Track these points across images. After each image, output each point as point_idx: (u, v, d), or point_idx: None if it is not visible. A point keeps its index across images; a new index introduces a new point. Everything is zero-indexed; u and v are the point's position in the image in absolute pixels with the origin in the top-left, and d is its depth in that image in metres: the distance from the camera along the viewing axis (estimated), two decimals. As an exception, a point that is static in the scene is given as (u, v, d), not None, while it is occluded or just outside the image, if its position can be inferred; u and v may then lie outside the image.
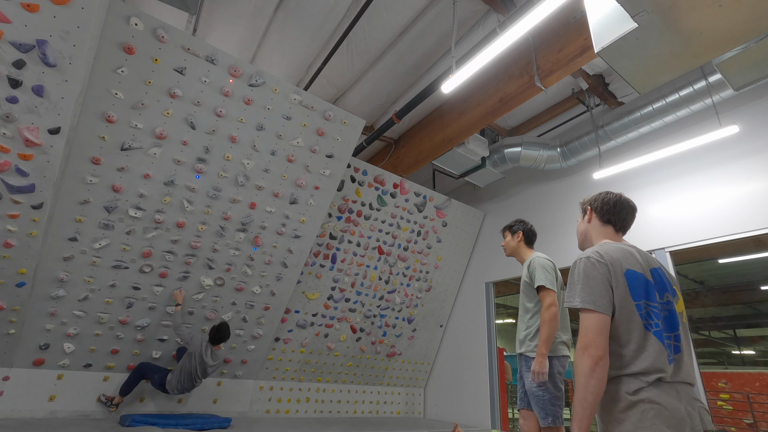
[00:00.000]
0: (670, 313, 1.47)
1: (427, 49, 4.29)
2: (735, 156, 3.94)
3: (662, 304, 1.47)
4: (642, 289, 1.46)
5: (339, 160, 4.37)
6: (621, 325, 1.43)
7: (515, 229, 3.01)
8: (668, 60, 2.39)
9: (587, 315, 1.43)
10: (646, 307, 1.44)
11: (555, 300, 2.57)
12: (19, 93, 2.73)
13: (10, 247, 3.18)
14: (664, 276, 1.53)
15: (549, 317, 2.54)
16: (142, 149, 3.48)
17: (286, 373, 5.23)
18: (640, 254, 1.55)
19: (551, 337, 2.53)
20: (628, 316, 1.43)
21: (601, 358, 1.38)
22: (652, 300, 1.45)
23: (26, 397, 3.68)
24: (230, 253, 4.24)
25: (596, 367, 1.38)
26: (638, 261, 1.51)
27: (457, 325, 6.34)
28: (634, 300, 1.44)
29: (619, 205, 1.72)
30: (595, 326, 1.41)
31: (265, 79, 3.68)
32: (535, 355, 2.55)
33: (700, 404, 1.41)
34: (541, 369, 2.49)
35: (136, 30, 3.10)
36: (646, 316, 1.43)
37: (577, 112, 5.14)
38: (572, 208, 5.22)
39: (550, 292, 2.59)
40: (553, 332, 2.53)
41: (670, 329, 1.45)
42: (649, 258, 1.57)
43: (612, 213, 1.71)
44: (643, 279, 1.47)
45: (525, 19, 2.59)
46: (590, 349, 1.39)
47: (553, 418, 2.50)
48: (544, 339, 2.52)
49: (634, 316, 1.42)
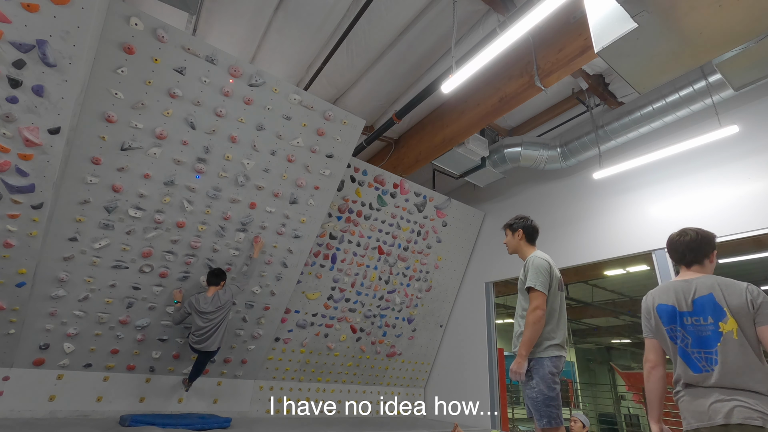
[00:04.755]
0: (709, 333, 1.82)
1: (427, 49, 4.29)
2: (735, 156, 3.94)
3: (696, 326, 1.85)
4: (669, 318, 1.94)
5: (339, 160, 4.37)
6: (662, 344, 2.01)
7: (516, 226, 2.99)
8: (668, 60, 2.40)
9: (646, 340, 2.08)
10: (673, 330, 1.92)
11: (542, 303, 2.56)
12: (19, 93, 2.73)
13: (10, 247, 3.18)
14: (708, 304, 1.86)
15: (533, 320, 2.54)
16: (142, 149, 3.48)
17: (286, 373, 5.23)
18: (683, 289, 1.95)
19: (533, 340, 2.53)
20: (663, 338, 1.98)
21: (652, 368, 2.02)
22: (680, 325, 1.90)
23: (26, 397, 3.68)
24: (230, 253, 4.24)
25: (649, 375, 2.02)
26: (672, 296, 1.96)
27: (457, 325, 6.34)
28: (664, 325, 1.96)
29: (683, 245, 2.06)
30: (647, 346, 2.06)
31: (265, 79, 3.68)
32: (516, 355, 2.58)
33: (737, 403, 1.69)
34: (518, 369, 2.52)
35: (136, 30, 3.09)
36: (674, 338, 1.92)
37: (577, 112, 5.14)
38: (572, 208, 5.23)
39: (539, 294, 2.58)
40: (535, 335, 2.53)
41: (701, 346, 1.83)
42: (698, 290, 1.91)
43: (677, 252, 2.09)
44: (670, 309, 1.95)
45: (525, 19, 2.58)
46: (646, 363, 2.05)
47: (548, 419, 2.48)
48: (525, 341, 2.53)
49: (666, 338, 1.96)
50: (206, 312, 3.90)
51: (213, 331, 3.96)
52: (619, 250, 4.60)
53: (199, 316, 3.91)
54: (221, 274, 4.08)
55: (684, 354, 1.86)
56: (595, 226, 4.92)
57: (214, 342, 3.96)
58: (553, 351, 2.57)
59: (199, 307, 3.90)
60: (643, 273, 7.28)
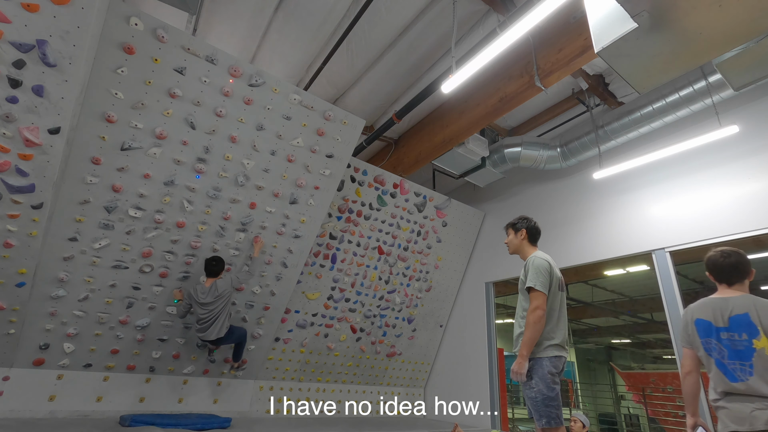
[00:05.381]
0: (743, 348, 2.04)
1: (427, 49, 4.29)
2: (735, 156, 3.94)
3: (732, 341, 2.07)
4: (705, 331, 2.19)
5: (339, 160, 4.37)
6: (698, 353, 2.25)
7: (518, 226, 2.98)
8: (668, 60, 2.39)
9: (683, 349, 2.36)
10: (708, 343, 2.17)
11: (542, 303, 2.56)
12: (19, 93, 2.73)
13: (10, 247, 3.18)
14: (744, 322, 2.08)
15: (533, 320, 2.54)
16: (142, 149, 3.48)
17: (286, 373, 5.23)
18: (720, 307, 2.17)
19: (534, 340, 2.53)
20: (699, 349, 2.23)
21: (687, 373, 2.33)
22: (716, 338, 2.13)
23: (26, 397, 3.68)
24: (230, 253, 4.24)
25: (685, 379, 2.34)
26: (709, 311, 2.20)
27: (457, 325, 6.34)
28: (700, 338, 2.22)
29: (729, 266, 2.26)
30: (684, 355, 2.36)
31: (265, 79, 3.68)
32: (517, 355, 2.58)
33: None
34: (519, 369, 2.52)
35: (136, 30, 3.09)
36: (709, 350, 2.16)
37: (577, 112, 5.14)
38: (572, 208, 5.23)
39: (539, 294, 2.58)
40: (536, 335, 2.53)
41: (737, 358, 2.05)
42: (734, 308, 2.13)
43: (722, 272, 2.28)
44: (707, 324, 2.19)
45: (525, 19, 2.58)
46: (682, 369, 2.36)
47: (548, 419, 2.48)
48: (526, 341, 2.53)
49: (701, 349, 2.21)
50: (205, 303, 3.92)
51: (212, 321, 3.97)
52: (619, 250, 4.60)
53: (199, 306, 3.94)
54: (219, 263, 4.05)
55: (721, 365, 2.09)
56: (595, 226, 4.92)
57: (213, 331, 3.97)
58: (553, 351, 2.57)
59: (197, 297, 3.93)
60: (643, 273, 7.28)
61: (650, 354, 14.54)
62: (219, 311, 3.98)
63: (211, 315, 3.96)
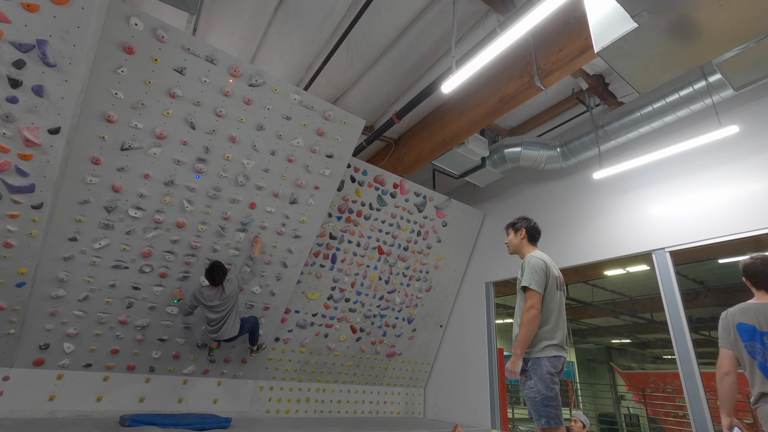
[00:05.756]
0: None
1: (427, 49, 4.29)
2: (735, 156, 3.94)
3: None
4: (749, 335, 2.27)
5: (339, 160, 4.37)
6: (738, 356, 2.32)
7: (518, 226, 2.99)
8: (668, 60, 2.39)
9: (721, 350, 2.40)
10: (752, 346, 2.25)
11: (536, 302, 2.58)
12: (19, 93, 2.73)
13: (10, 247, 3.17)
14: None
15: (527, 319, 2.55)
16: (142, 149, 3.48)
17: (286, 373, 5.23)
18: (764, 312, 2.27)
19: (528, 338, 2.54)
20: (740, 351, 2.31)
21: (725, 374, 2.34)
22: (759, 342, 2.22)
23: (26, 397, 3.68)
24: (230, 253, 4.24)
25: (722, 379, 2.35)
26: (752, 316, 2.30)
27: (457, 325, 6.34)
28: (743, 341, 2.29)
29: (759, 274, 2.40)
30: (723, 355, 2.38)
31: (265, 79, 3.68)
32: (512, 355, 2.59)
33: None
34: (513, 368, 2.54)
35: (136, 30, 3.09)
36: (752, 353, 2.24)
37: (577, 112, 5.14)
38: (572, 208, 5.23)
39: (534, 293, 2.59)
40: (530, 333, 2.54)
41: None
42: None
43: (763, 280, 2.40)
44: (750, 328, 2.27)
45: (525, 19, 2.59)
46: (720, 369, 2.35)
47: (547, 419, 2.48)
48: (520, 340, 2.54)
49: (744, 352, 2.29)
50: (214, 305, 3.98)
51: (224, 322, 4.05)
52: (619, 250, 4.60)
53: (208, 309, 3.99)
54: (223, 273, 4.02)
55: (764, 368, 2.19)
56: (595, 226, 4.92)
57: (226, 331, 4.06)
58: (552, 351, 2.57)
59: (204, 300, 3.97)
60: (643, 273, 7.28)
61: (650, 354, 14.54)
62: (229, 311, 4.05)
63: (222, 316, 4.01)
